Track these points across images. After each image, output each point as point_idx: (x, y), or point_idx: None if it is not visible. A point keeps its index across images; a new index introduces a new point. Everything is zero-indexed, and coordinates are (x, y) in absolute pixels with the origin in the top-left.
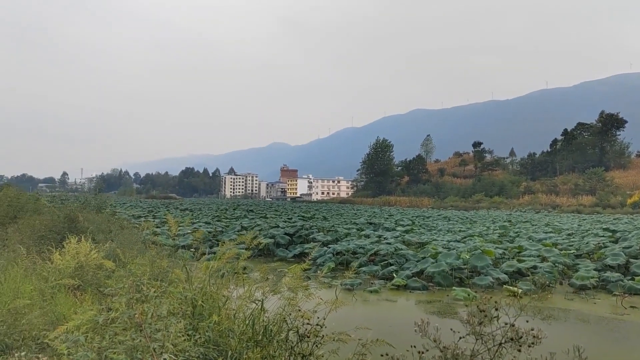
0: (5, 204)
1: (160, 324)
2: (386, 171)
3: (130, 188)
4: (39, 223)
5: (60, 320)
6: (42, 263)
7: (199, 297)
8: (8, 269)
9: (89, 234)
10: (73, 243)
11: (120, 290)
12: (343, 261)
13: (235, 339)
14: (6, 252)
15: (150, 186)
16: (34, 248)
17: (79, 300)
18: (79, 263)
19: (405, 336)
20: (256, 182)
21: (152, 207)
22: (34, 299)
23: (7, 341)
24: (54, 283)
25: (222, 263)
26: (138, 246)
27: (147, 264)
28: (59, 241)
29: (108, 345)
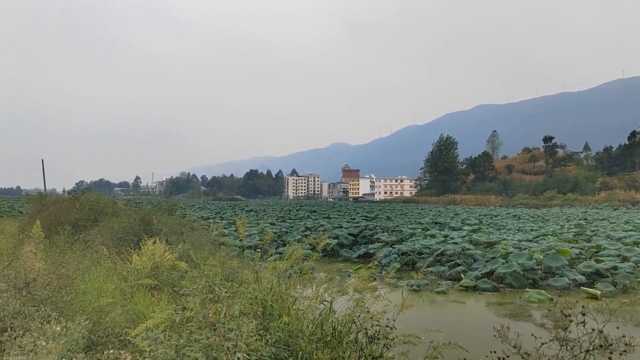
0: (86, 207)
1: (233, 324)
2: (450, 169)
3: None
4: (117, 225)
5: (140, 319)
6: (121, 263)
7: (268, 298)
8: (92, 269)
9: (163, 235)
10: (149, 244)
11: (194, 291)
12: (408, 261)
13: (304, 340)
14: (89, 253)
15: (217, 188)
16: (114, 249)
17: (156, 300)
18: (154, 264)
19: (477, 339)
20: (318, 183)
21: (219, 209)
22: (116, 298)
23: (93, 337)
24: (133, 283)
25: (289, 264)
26: (208, 247)
27: (218, 265)
28: (135, 242)
29: (185, 344)
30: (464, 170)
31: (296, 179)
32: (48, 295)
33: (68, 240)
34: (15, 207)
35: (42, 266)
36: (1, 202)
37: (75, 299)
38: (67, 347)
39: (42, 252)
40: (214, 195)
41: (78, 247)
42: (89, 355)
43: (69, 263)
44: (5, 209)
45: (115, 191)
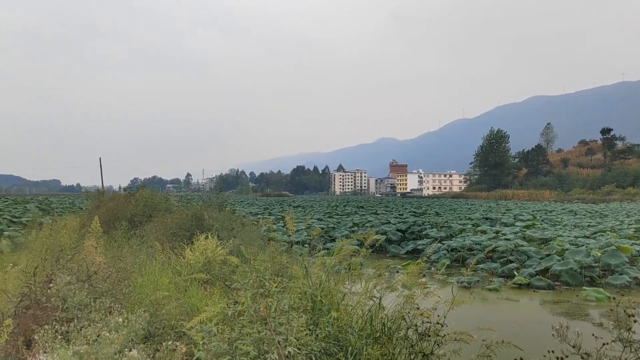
0: (141, 204)
1: (283, 318)
2: (502, 163)
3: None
4: (171, 221)
5: (194, 312)
6: (175, 258)
7: (317, 293)
8: (147, 264)
9: (214, 231)
10: (201, 240)
11: (246, 285)
12: (458, 258)
13: (354, 335)
14: (145, 247)
15: (265, 184)
16: (168, 244)
17: (208, 294)
18: (206, 258)
19: (531, 338)
20: (365, 178)
21: (267, 205)
22: (171, 291)
23: (150, 329)
24: (186, 277)
25: (337, 260)
26: (258, 242)
27: (268, 260)
28: (188, 238)
29: (237, 337)
30: (516, 164)
31: (343, 175)
32: (108, 287)
33: (125, 235)
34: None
35: (102, 260)
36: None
37: (133, 292)
38: (128, 338)
39: (101, 247)
40: (261, 191)
41: (134, 242)
42: (147, 345)
43: (126, 257)
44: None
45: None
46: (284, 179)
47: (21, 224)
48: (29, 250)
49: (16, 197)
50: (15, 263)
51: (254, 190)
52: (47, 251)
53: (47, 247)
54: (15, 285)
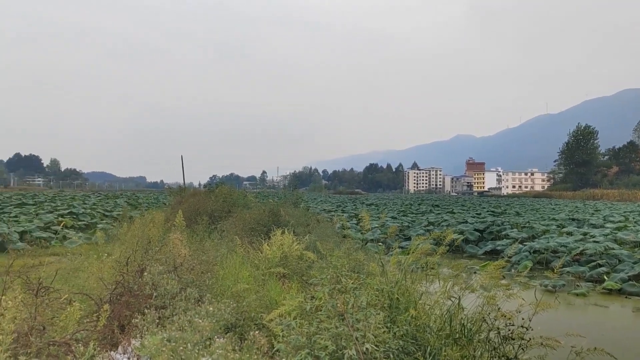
0: (221, 200)
1: (361, 315)
2: (589, 161)
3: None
4: (249, 217)
5: (272, 305)
6: (253, 252)
7: (394, 291)
8: (228, 257)
9: (290, 227)
10: (278, 235)
11: (323, 281)
12: (541, 260)
13: (432, 335)
14: (225, 242)
15: (337, 182)
16: (246, 239)
17: (286, 288)
18: (283, 253)
19: (623, 346)
20: (440, 177)
21: (340, 202)
22: (250, 284)
23: (232, 320)
24: (264, 271)
25: (414, 258)
26: (333, 239)
27: (344, 257)
28: (265, 233)
29: (315, 331)
30: (606, 162)
31: (417, 173)
32: (192, 278)
33: (206, 229)
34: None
35: (186, 252)
36: (149, 194)
37: (216, 284)
38: (218, 326)
39: (185, 240)
40: (334, 189)
41: (215, 236)
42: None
43: (208, 250)
44: (151, 200)
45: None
46: (356, 177)
47: (112, 217)
48: (120, 241)
49: (107, 193)
50: (109, 253)
51: (326, 187)
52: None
53: (137, 239)
54: (110, 273)
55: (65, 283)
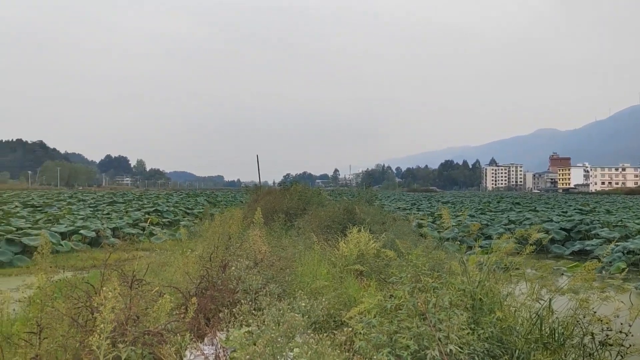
0: (296, 197)
1: (443, 315)
2: None
3: (392, 182)
4: (324, 214)
5: (351, 302)
6: (330, 250)
7: (477, 291)
8: (306, 254)
9: (366, 225)
10: (354, 233)
11: (403, 279)
12: (636, 261)
13: (520, 338)
14: (302, 239)
15: (411, 180)
16: (322, 236)
17: (364, 285)
18: (360, 251)
19: None
20: (520, 173)
21: (415, 200)
22: (329, 281)
23: (312, 317)
24: (341, 268)
25: (499, 257)
26: (411, 237)
27: (424, 255)
28: (340, 230)
29: (396, 330)
30: None
31: (495, 169)
32: (273, 274)
33: (283, 226)
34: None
35: (266, 249)
36: (226, 192)
37: (295, 280)
38: (310, 322)
39: (263, 237)
40: (408, 187)
41: (292, 233)
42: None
43: (287, 247)
44: (229, 198)
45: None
46: (431, 174)
47: (193, 215)
48: (202, 238)
49: (188, 192)
50: (192, 249)
51: (400, 185)
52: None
53: (218, 236)
54: (194, 268)
55: (155, 276)
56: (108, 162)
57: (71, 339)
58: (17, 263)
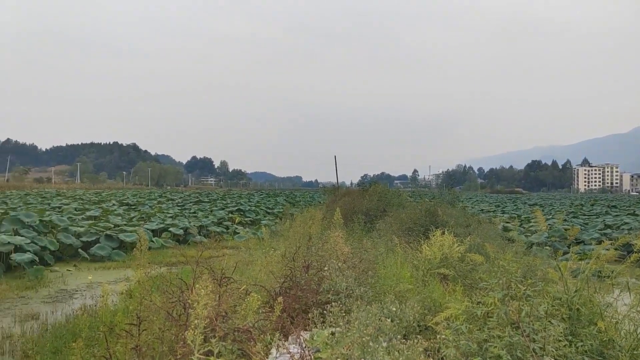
0: (375, 199)
1: (538, 325)
2: None
3: (474, 183)
4: (405, 216)
5: (436, 307)
6: (412, 252)
7: (575, 300)
8: (388, 256)
9: (450, 227)
10: (437, 235)
11: (494, 285)
12: None
13: (624, 353)
14: (384, 241)
15: (494, 180)
16: (403, 238)
17: (450, 290)
18: (443, 255)
19: None
20: (617, 174)
21: (499, 202)
22: (413, 285)
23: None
24: (425, 271)
25: (598, 265)
26: (498, 241)
27: (515, 260)
28: (422, 233)
29: (486, 339)
30: None
31: (588, 170)
32: (356, 276)
33: (363, 227)
34: (315, 198)
35: (347, 250)
36: (305, 193)
37: (377, 283)
38: (401, 327)
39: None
40: (491, 188)
41: (374, 235)
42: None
43: (368, 249)
44: (307, 199)
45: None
46: (516, 175)
47: (274, 214)
48: (284, 237)
49: (268, 192)
50: (275, 248)
51: (482, 186)
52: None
53: (299, 236)
54: (278, 267)
55: (241, 274)
56: (194, 163)
57: (167, 332)
58: (114, 257)
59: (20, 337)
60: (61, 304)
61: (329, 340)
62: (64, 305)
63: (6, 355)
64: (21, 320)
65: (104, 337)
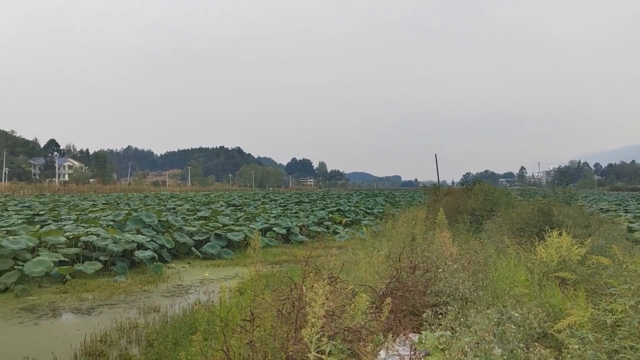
0: (481, 198)
1: None
2: None
3: (590, 180)
4: (516, 216)
5: (555, 313)
6: (524, 254)
7: None
8: (499, 258)
9: (568, 227)
10: (554, 236)
11: (624, 291)
12: None
13: None
14: (493, 242)
15: (614, 177)
16: (514, 239)
17: (571, 295)
18: (560, 257)
19: None
20: None
21: (620, 200)
22: (528, 289)
23: (528, 329)
24: (541, 275)
25: None
26: (622, 243)
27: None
28: (535, 234)
29: (617, 349)
30: None
31: None
32: (464, 278)
33: (469, 228)
34: (415, 197)
35: (454, 251)
36: (404, 192)
37: (489, 285)
38: (526, 334)
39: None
40: (610, 185)
41: (483, 235)
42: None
43: (476, 250)
44: (407, 198)
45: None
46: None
47: (373, 214)
48: (386, 237)
49: (367, 192)
50: (377, 248)
51: (599, 183)
52: (404, 239)
53: (403, 236)
54: (382, 268)
55: (347, 274)
56: (293, 164)
57: (279, 329)
58: (223, 255)
59: (144, 328)
60: (178, 298)
61: (439, 343)
62: (181, 300)
63: (133, 343)
64: (145, 312)
65: (220, 331)
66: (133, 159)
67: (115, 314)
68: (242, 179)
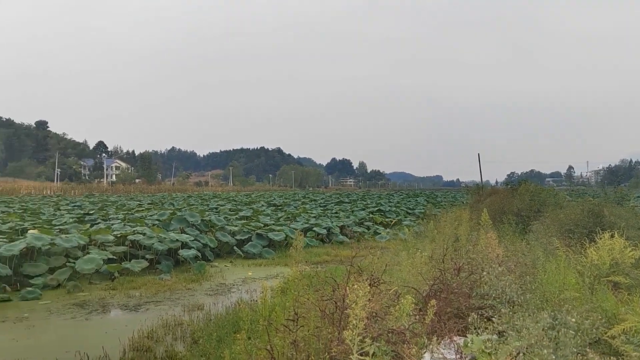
0: (527, 198)
1: None
2: None
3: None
4: (564, 217)
5: (609, 319)
6: (574, 257)
7: None
8: (547, 260)
9: (621, 229)
10: (605, 238)
11: None
12: None
13: None
14: (540, 243)
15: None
16: (562, 241)
17: (626, 300)
18: (613, 260)
19: None
20: None
21: None
22: (579, 292)
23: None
24: (592, 278)
25: None
26: None
27: None
28: (585, 235)
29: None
30: None
31: None
32: (512, 281)
33: (515, 229)
34: (457, 198)
35: (500, 252)
36: (446, 193)
37: (538, 289)
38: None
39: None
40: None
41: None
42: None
43: (523, 252)
44: (449, 199)
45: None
46: None
47: (414, 215)
48: (429, 238)
49: (408, 192)
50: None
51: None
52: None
53: (447, 237)
54: (425, 269)
55: (390, 276)
56: (333, 164)
57: (323, 330)
58: (265, 255)
59: (189, 325)
60: (221, 297)
61: (486, 347)
62: (224, 298)
63: (178, 340)
64: (189, 310)
65: (264, 330)
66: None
67: (161, 311)
68: (282, 179)
